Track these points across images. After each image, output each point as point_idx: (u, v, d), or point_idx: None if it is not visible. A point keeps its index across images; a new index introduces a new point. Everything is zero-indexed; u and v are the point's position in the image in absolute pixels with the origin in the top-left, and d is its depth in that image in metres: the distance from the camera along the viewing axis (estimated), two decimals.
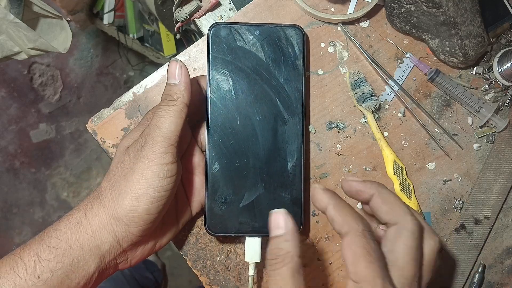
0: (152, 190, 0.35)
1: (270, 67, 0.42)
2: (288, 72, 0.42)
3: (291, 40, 0.42)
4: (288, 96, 0.42)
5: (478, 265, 0.48)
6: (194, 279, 1.42)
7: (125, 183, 0.35)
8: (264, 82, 0.42)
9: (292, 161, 0.42)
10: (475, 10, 0.44)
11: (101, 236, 0.35)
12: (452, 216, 0.48)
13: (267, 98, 0.42)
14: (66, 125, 1.50)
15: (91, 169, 1.50)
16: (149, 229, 0.37)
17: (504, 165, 0.47)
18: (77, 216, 0.36)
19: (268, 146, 0.42)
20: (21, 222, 1.45)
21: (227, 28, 0.41)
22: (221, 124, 0.41)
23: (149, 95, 0.47)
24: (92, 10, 1.31)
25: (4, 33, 0.60)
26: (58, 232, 0.35)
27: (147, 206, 0.35)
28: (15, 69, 1.47)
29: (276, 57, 0.42)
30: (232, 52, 0.41)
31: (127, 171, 0.36)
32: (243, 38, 0.41)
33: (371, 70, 0.48)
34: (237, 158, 0.41)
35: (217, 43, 0.41)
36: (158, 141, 0.35)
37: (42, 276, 0.33)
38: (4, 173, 1.46)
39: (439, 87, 0.48)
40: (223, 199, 0.41)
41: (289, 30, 0.42)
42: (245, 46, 0.41)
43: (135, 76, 1.53)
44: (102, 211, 0.36)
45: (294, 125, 0.42)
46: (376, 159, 0.47)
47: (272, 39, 0.42)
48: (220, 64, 0.41)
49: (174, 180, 0.36)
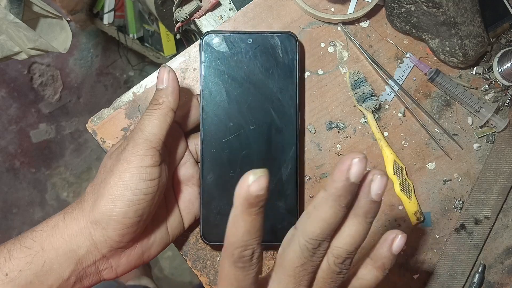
0: (129, 193, 0.34)
1: (264, 75, 0.41)
2: (282, 81, 0.41)
3: (284, 48, 0.41)
4: (282, 105, 0.41)
5: (478, 265, 0.48)
6: (194, 279, 1.42)
7: (104, 186, 0.35)
8: (257, 91, 0.41)
9: (287, 170, 0.42)
10: (475, 10, 0.44)
11: (77, 240, 0.35)
12: (452, 216, 0.48)
13: (261, 107, 0.41)
14: (66, 125, 1.50)
15: (91, 169, 1.50)
16: (129, 234, 0.36)
17: (504, 165, 0.47)
18: (56, 220, 0.36)
19: (262, 155, 0.41)
20: (21, 222, 1.45)
21: (219, 37, 0.41)
22: (215, 134, 0.41)
23: (149, 95, 0.47)
24: (92, 10, 1.31)
25: (4, 33, 0.60)
26: (34, 233, 0.35)
27: (124, 209, 0.34)
28: (15, 69, 1.47)
29: (269, 65, 0.41)
30: (225, 61, 0.41)
31: (107, 174, 0.35)
32: (235, 46, 0.41)
33: (371, 70, 0.48)
34: (231, 168, 0.41)
35: (210, 52, 0.41)
36: (138, 143, 0.35)
37: (10, 274, 0.33)
38: (4, 173, 1.46)
39: (439, 87, 0.48)
40: (218, 208, 0.41)
41: (282, 37, 0.42)
42: (237, 54, 0.41)
43: (135, 76, 1.53)
44: (81, 215, 0.35)
45: (288, 134, 0.42)
46: (376, 159, 0.47)
47: (265, 47, 0.41)
48: (213, 73, 0.41)
49: (155, 184, 0.35)
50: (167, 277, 1.45)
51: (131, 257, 0.38)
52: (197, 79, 0.47)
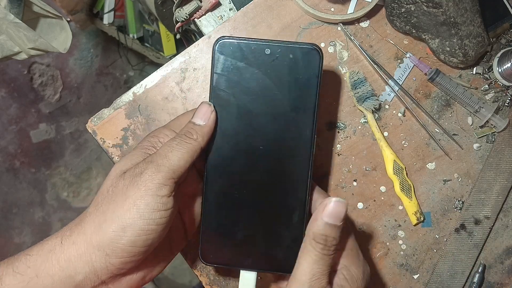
0: (142, 222, 0.32)
1: (279, 91, 0.36)
2: (299, 99, 0.36)
3: (306, 63, 0.36)
4: (296, 126, 0.37)
5: (478, 265, 0.48)
6: (194, 279, 1.42)
7: (113, 209, 0.32)
8: (270, 108, 0.37)
9: (295, 199, 0.37)
10: (475, 10, 0.44)
11: (75, 266, 0.32)
12: (452, 216, 0.48)
13: (272, 126, 0.37)
14: (66, 125, 1.50)
15: (91, 169, 1.50)
16: (133, 263, 0.33)
17: (504, 165, 0.47)
18: (52, 243, 0.33)
19: (270, 179, 0.37)
20: (21, 222, 1.45)
21: (234, 44, 0.36)
22: (221, 151, 0.37)
23: (149, 95, 0.47)
24: (92, 10, 1.31)
25: (4, 33, 0.60)
26: (28, 258, 0.33)
27: (133, 237, 0.32)
28: (15, 69, 1.47)
29: (287, 81, 0.36)
30: (238, 72, 0.36)
31: (118, 196, 0.33)
32: (251, 56, 0.36)
33: (371, 70, 0.48)
34: (236, 188, 0.37)
35: (222, 60, 0.36)
36: (161, 171, 0.33)
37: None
38: (4, 173, 1.46)
39: (439, 87, 0.48)
40: (219, 230, 0.38)
41: (304, 50, 0.36)
42: (252, 65, 0.36)
43: (135, 76, 1.54)
44: (81, 239, 0.32)
45: (299, 161, 0.37)
46: (376, 159, 0.47)
47: (284, 60, 0.36)
48: (224, 84, 0.37)
49: (168, 214, 0.33)
50: (167, 277, 1.45)
51: (132, 281, 0.36)
52: (197, 79, 0.47)
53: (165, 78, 0.47)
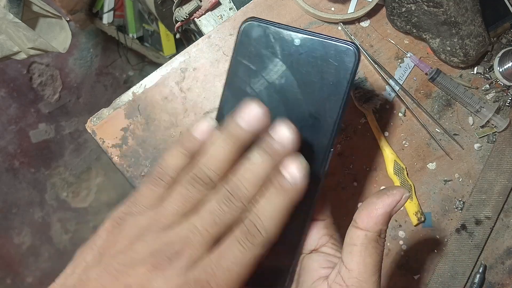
0: None
1: (302, 91, 0.32)
2: (324, 102, 0.31)
3: (339, 62, 0.31)
4: (316, 131, 0.32)
5: (479, 266, 0.48)
6: None
7: None
8: (289, 108, 0.32)
9: (296, 226, 0.32)
10: (475, 10, 0.44)
11: None
12: (453, 216, 0.48)
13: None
14: (65, 125, 1.50)
15: (91, 169, 1.50)
16: None
17: (505, 165, 0.47)
18: None
19: None
20: (20, 222, 1.45)
21: (262, 27, 0.32)
22: None
23: (148, 94, 0.46)
24: (92, 9, 1.31)
25: (3, 33, 0.60)
26: None
27: None
28: (15, 69, 1.47)
29: (313, 80, 0.31)
30: (260, 61, 0.32)
31: None
32: (278, 45, 0.32)
33: (372, 70, 0.48)
34: None
35: (246, 45, 0.32)
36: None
37: None
38: (4, 173, 1.46)
39: (440, 87, 0.48)
40: None
41: (340, 48, 0.31)
42: (278, 56, 0.32)
43: (135, 76, 1.53)
44: None
45: (310, 177, 0.30)
46: (376, 159, 0.47)
47: (314, 55, 0.31)
48: (241, 72, 0.32)
49: None
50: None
51: None
52: (197, 79, 0.46)
53: (164, 77, 0.46)
